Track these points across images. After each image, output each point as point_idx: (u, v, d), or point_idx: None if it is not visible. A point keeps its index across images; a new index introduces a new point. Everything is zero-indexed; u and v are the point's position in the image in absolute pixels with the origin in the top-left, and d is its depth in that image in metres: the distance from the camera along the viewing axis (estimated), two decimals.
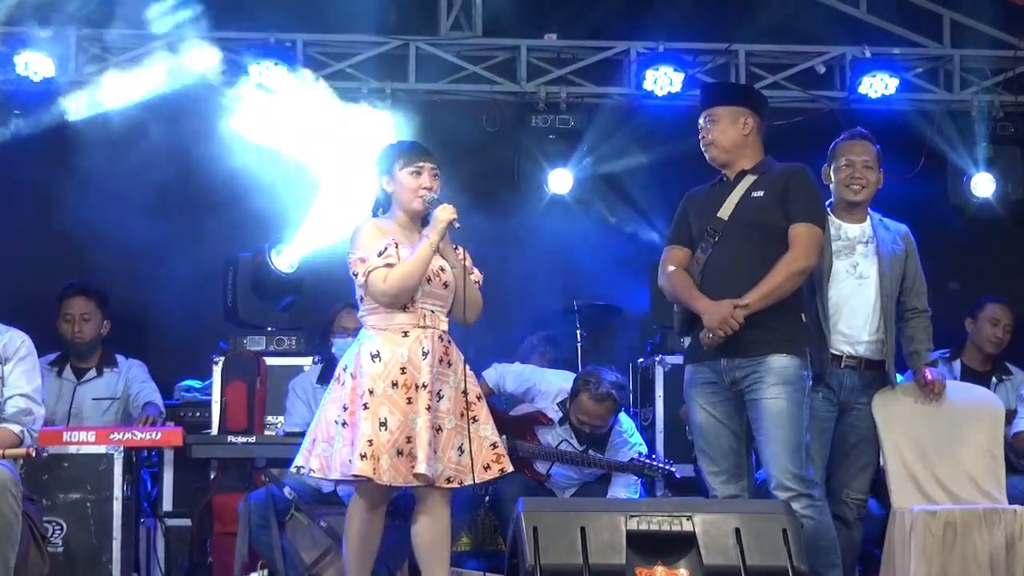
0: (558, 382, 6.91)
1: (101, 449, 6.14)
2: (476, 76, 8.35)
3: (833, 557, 5.20)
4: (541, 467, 6.74)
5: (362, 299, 5.23)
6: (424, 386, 5.04)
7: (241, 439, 6.27)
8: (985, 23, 8.48)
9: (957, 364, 7.26)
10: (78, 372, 7.11)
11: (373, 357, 5.08)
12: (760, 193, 5.26)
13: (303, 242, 7.60)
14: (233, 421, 6.45)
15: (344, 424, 5.08)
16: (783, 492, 5.08)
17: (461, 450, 5.10)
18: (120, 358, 7.17)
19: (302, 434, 6.36)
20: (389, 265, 5.08)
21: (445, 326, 5.18)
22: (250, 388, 6.53)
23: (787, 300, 5.20)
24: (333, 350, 6.85)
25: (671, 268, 5.35)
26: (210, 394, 7.29)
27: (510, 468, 5.23)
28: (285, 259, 7.63)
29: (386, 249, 5.10)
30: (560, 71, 8.37)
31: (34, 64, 7.85)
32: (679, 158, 8.26)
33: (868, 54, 8.39)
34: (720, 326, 5.11)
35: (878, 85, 8.34)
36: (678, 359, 7.56)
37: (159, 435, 6.36)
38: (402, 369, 5.06)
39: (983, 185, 8.55)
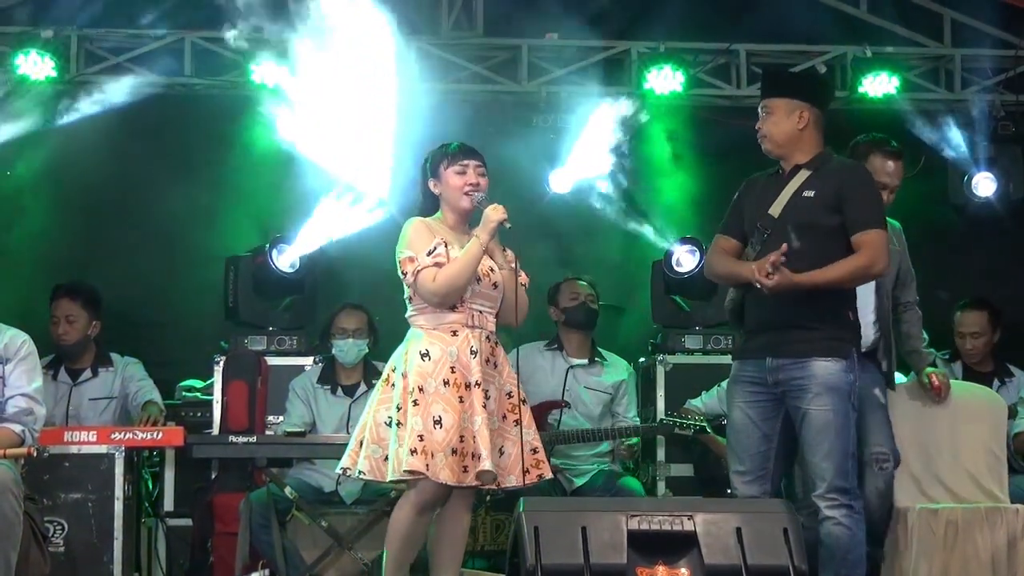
0: (535, 347, 6.97)
1: (102, 449, 6.15)
2: (477, 76, 8.35)
3: (859, 572, 5.11)
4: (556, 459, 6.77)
5: (410, 299, 5.20)
6: (477, 384, 5.03)
7: (242, 439, 6.28)
8: (985, 22, 8.46)
9: (958, 366, 7.23)
10: (72, 373, 7.07)
11: (423, 356, 5.06)
12: (811, 193, 5.14)
13: (304, 242, 7.59)
14: (234, 421, 6.46)
15: (399, 424, 5.02)
16: (823, 501, 5.03)
17: (501, 452, 5.08)
18: (115, 357, 7.13)
19: (302, 434, 6.42)
20: (438, 264, 5.07)
21: (493, 327, 5.17)
22: (251, 388, 6.54)
23: (834, 299, 5.11)
24: (333, 351, 6.85)
25: (719, 256, 5.30)
26: (211, 394, 7.27)
27: (549, 474, 5.19)
28: (286, 259, 7.61)
29: (435, 248, 5.09)
30: (561, 70, 8.36)
31: (33, 64, 7.83)
32: (680, 157, 8.28)
33: (869, 53, 8.38)
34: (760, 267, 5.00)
35: (879, 85, 8.33)
36: (679, 359, 7.57)
37: (160, 435, 6.36)
38: (452, 368, 5.04)
39: (984, 185, 8.54)
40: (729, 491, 5.30)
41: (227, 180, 8.10)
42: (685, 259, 7.82)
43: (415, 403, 5.00)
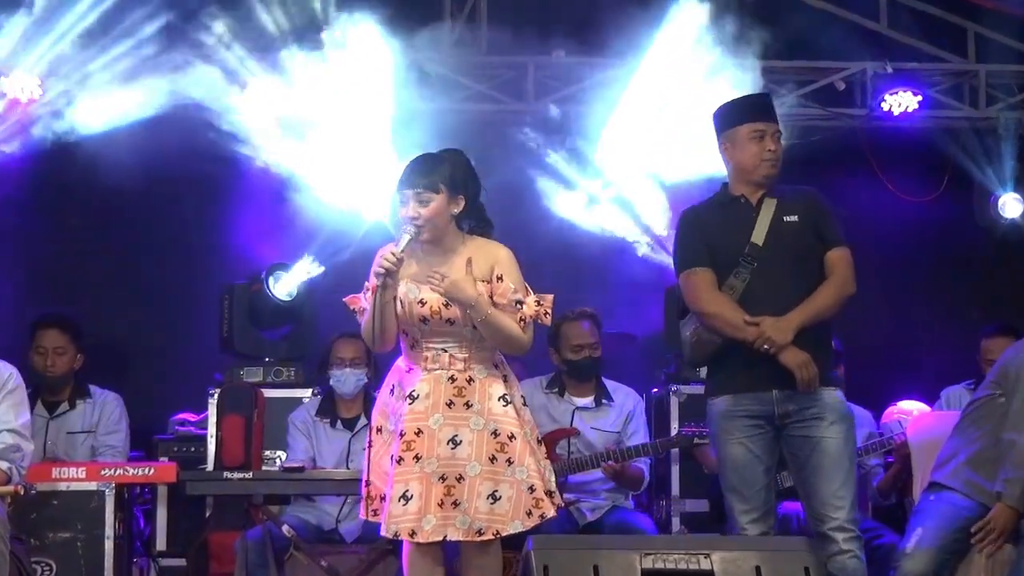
0: (534, 385, 6.97)
1: (92, 486, 6.17)
2: (482, 95, 8.38)
3: None
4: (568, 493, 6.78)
5: None
6: (402, 435, 4.93)
7: (238, 475, 6.26)
8: (1011, 37, 8.49)
9: None
10: (50, 406, 7.06)
11: (390, 391, 5.07)
12: (794, 218, 5.30)
13: (302, 269, 7.62)
14: (229, 456, 6.44)
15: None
16: (841, 533, 5.10)
17: (496, 497, 4.93)
18: (95, 389, 7.13)
19: (300, 469, 6.43)
20: (361, 313, 5.09)
21: (461, 365, 5.01)
22: (247, 421, 6.51)
23: (825, 330, 5.27)
24: (332, 382, 6.87)
25: (720, 295, 5.27)
26: (205, 428, 7.27)
27: (551, 513, 5.01)
28: (283, 287, 7.63)
29: (365, 294, 5.08)
30: (569, 89, 8.39)
31: (20, 84, 7.86)
32: (694, 179, 8.29)
33: (890, 70, 8.40)
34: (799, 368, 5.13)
35: (900, 102, 8.35)
36: (693, 388, 7.53)
37: (152, 471, 6.37)
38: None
39: (1011, 205, 8.56)
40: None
41: (222, 205, 8.11)
42: None
43: (370, 444, 5.02)
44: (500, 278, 5.03)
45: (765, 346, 5.13)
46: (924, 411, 7.24)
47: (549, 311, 5.09)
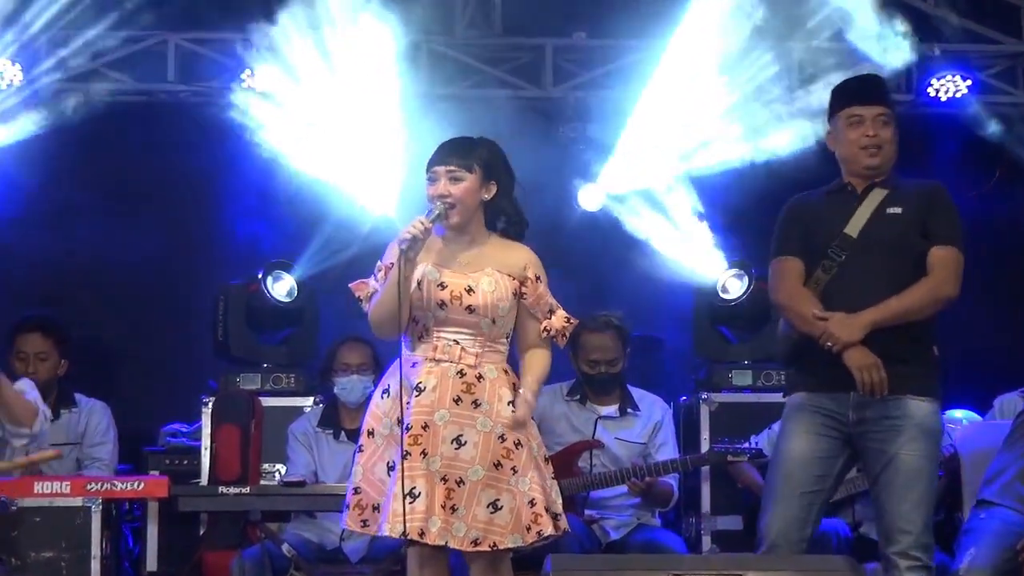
0: (555, 393, 6.95)
1: (77, 501, 6.15)
2: (496, 80, 8.34)
3: None
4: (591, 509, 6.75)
5: None
6: (408, 428, 4.89)
7: (234, 489, 6.29)
8: None
9: None
10: None
11: (383, 393, 5.03)
12: (897, 210, 5.16)
13: (303, 268, 7.59)
14: (225, 469, 6.47)
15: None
16: (905, 560, 4.99)
17: (496, 507, 4.90)
18: (80, 398, 7.14)
19: (301, 483, 6.41)
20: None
21: (472, 360, 4.98)
22: (244, 432, 6.54)
23: (920, 330, 5.13)
24: (336, 390, 6.85)
25: (800, 288, 5.18)
26: (199, 439, 7.29)
27: (549, 530, 4.94)
28: (283, 287, 7.61)
29: (375, 275, 5.05)
30: (590, 74, 8.34)
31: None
32: (724, 170, 8.24)
33: (938, 52, 8.34)
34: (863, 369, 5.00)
35: (948, 87, 8.30)
36: (725, 396, 7.52)
37: (142, 485, 6.35)
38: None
39: None
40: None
41: (217, 199, 8.11)
42: (732, 285, 7.77)
43: (360, 449, 5.01)
44: (538, 278, 5.07)
45: (828, 343, 5.02)
46: (974, 420, 7.17)
47: (567, 335, 5.13)
